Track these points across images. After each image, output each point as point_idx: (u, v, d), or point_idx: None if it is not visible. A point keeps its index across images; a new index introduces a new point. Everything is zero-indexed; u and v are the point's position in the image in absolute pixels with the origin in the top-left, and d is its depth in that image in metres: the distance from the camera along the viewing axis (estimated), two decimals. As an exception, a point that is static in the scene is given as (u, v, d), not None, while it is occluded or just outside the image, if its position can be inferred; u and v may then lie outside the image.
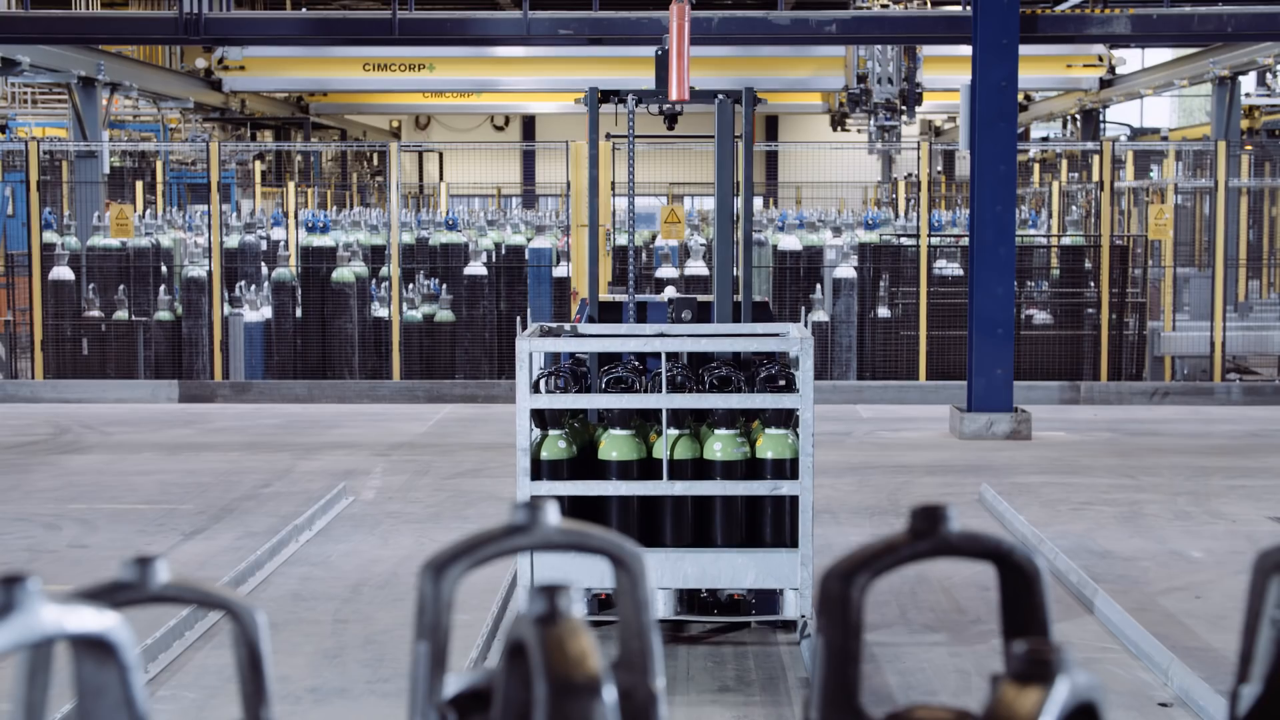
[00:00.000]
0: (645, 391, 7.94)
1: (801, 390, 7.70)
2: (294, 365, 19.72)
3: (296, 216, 22.02)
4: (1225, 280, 20.18)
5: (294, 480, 13.12)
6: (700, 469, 7.95)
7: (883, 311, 19.90)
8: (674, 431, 7.95)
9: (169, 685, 7.42)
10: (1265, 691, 1.28)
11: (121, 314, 19.84)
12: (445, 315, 19.75)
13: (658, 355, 7.98)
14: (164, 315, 19.83)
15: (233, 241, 20.40)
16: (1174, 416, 17.60)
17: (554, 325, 8.65)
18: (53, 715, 5.71)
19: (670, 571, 7.79)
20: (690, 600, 8.26)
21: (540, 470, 7.80)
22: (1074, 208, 24.23)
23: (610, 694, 1.03)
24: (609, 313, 9.63)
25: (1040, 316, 20.25)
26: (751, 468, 7.96)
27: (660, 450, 7.93)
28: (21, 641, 1.00)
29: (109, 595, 1.26)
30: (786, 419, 7.97)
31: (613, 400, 7.89)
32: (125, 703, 1.10)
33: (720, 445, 7.93)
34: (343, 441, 15.47)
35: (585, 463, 8.07)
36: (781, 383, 8.09)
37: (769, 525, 8.05)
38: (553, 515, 1.27)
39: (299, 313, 19.83)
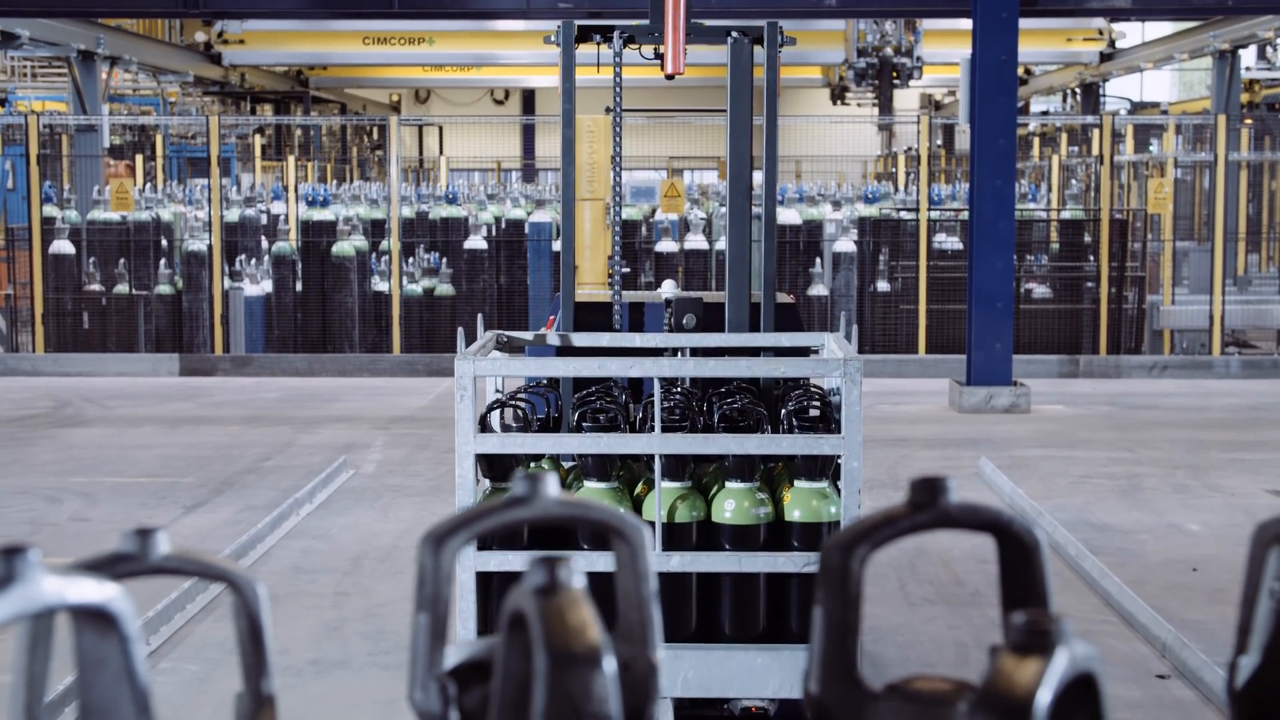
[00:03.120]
0: (632, 429, 6.03)
1: (845, 430, 5.73)
2: (294, 339, 19.72)
3: (296, 190, 22.00)
4: (1224, 254, 20.17)
5: (294, 454, 13.13)
6: (706, 536, 5.94)
7: (882, 285, 19.89)
8: (670, 485, 5.88)
9: (170, 658, 7.43)
10: (1263, 662, 1.29)
11: (122, 288, 19.83)
12: (445, 289, 19.74)
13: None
14: (164, 289, 19.82)
15: (233, 215, 20.37)
16: (1173, 390, 17.60)
17: (515, 335, 6.86)
18: (55, 687, 5.73)
19: (663, 676, 5.07)
20: (691, 716, 6.26)
21: (490, 536, 5.84)
22: (1073, 182, 24.20)
23: (610, 664, 1.03)
24: (591, 316, 7.45)
25: (1039, 290, 20.24)
26: (775, 534, 5.96)
27: (651, 510, 5.90)
28: (22, 612, 1.00)
29: (109, 567, 1.26)
30: (823, 468, 5.96)
31: (587, 443, 5.77)
32: (126, 674, 1.10)
33: (732, 504, 5.91)
34: (343, 415, 15.47)
35: (551, 526, 5.74)
36: (814, 412, 6.22)
37: (797, 613, 6.02)
38: (553, 487, 1.27)
39: (299, 286, 19.83)
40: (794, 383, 6.74)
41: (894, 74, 26.95)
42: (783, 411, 6.17)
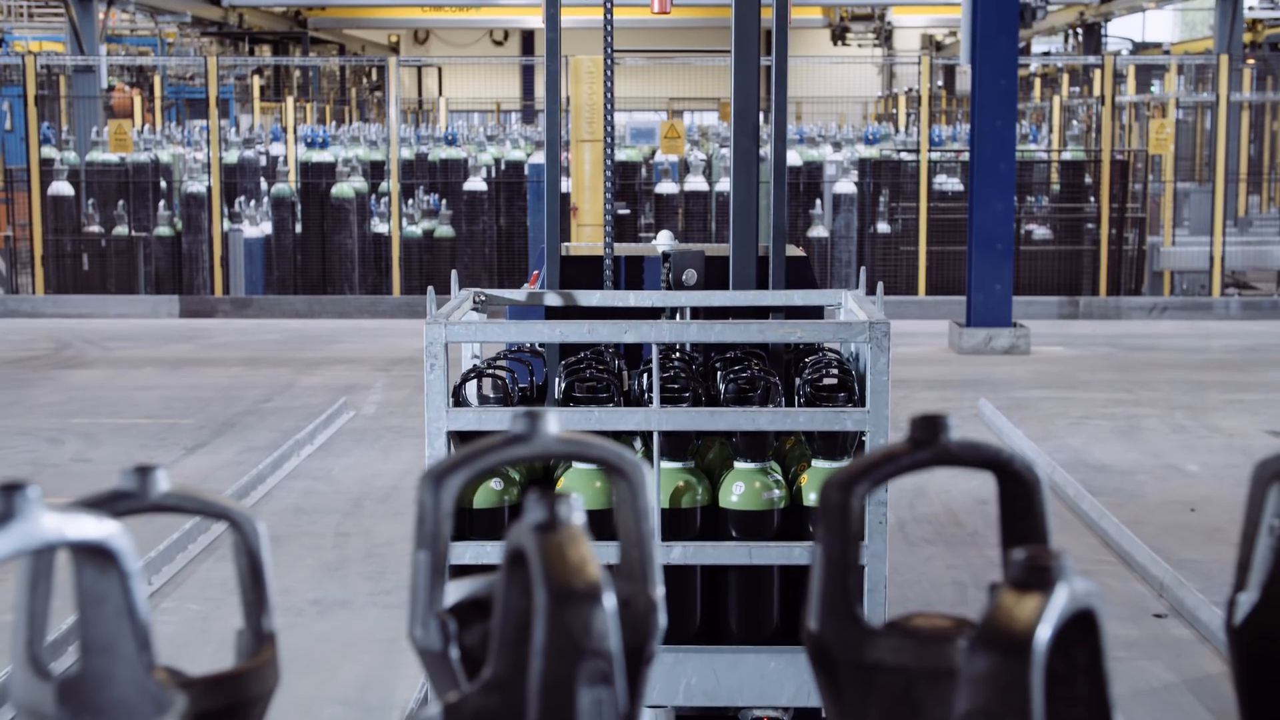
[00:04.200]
0: (625, 402, 5.27)
1: (871, 402, 4.95)
2: (294, 281, 19.70)
3: (295, 132, 21.93)
4: (1225, 195, 20.13)
5: (295, 395, 13.14)
6: (711, 523, 5.25)
7: (882, 227, 19.86)
8: (670, 466, 5.19)
9: (173, 597, 7.46)
10: (1262, 599, 1.29)
11: (121, 229, 19.80)
12: (445, 231, 19.71)
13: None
14: (164, 231, 19.79)
15: (232, 157, 20.31)
16: (1172, 331, 17.60)
17: (495, 294, 6.07)
18: (58, 627, 5.75)
19: (663, 682, 5.05)
20: None
21: (468, 524, 5.06)
22: (1075, 123, 24.11)
23: (610, 601, 1.03)
24: (580, 271, 6.71)
25: (1040, 232, 20.21)
26: (790, 521, 5.23)
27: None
28: (21, 548, 1.00)
29: (109, 504, 1.26)
30: (844, 445, 5.21)
31: (575, 418, 4.97)
32: (126, 610, 1.10)
33: (741, 487, 5.20)
34: (343, 357, 15.48)
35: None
36: (832, 380, 5.44)
37: None
38: (553, 424, 1.27)
39: (299, 228, 19.80)
40: (808, 347, 6.00)
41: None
42: (797, 380, 5.44)
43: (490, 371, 5.49)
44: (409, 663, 6.30)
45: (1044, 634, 1.00)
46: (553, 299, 6.08)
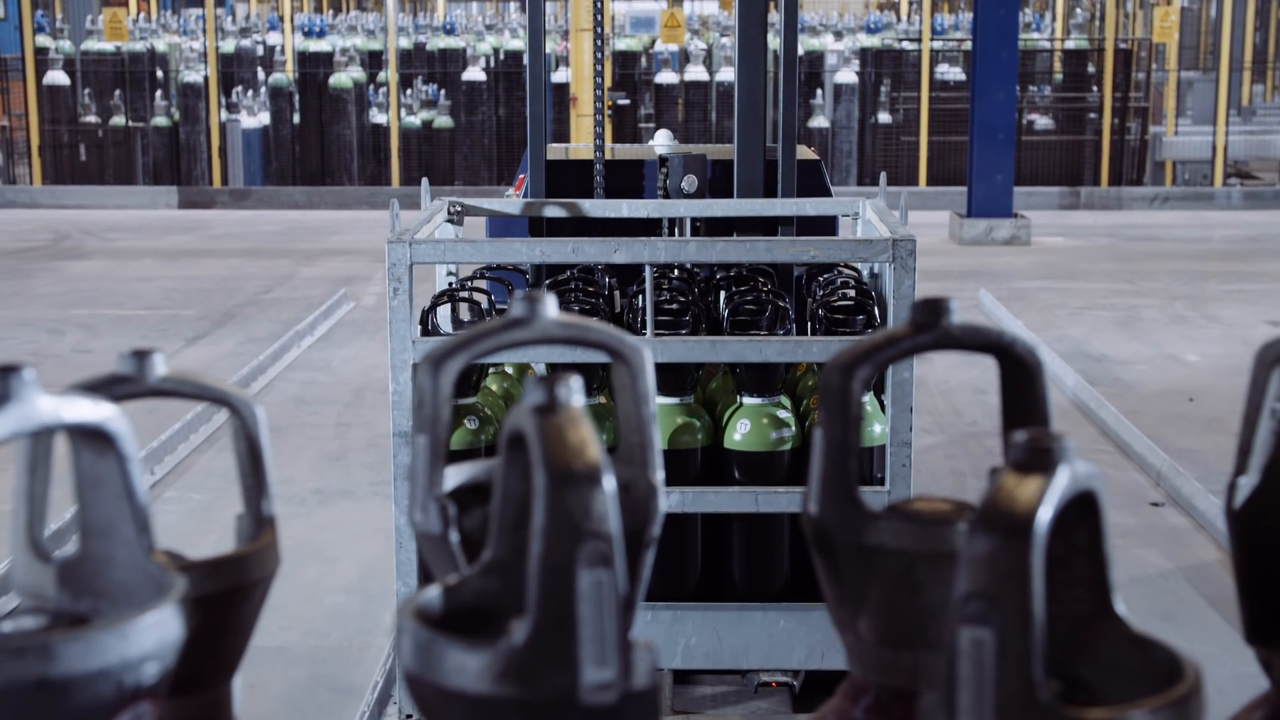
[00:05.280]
0: (619, 326, 4.20)
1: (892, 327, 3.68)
2: (292, 172, 19.62)
3: (292, 20, 21.75)
4: (1229, 84, 20.00)
5: (295, 286, 13.12)
6: (715, 465, 4.74)
7: (883, 117, 19.75)
8: (667, 402, 4.71)
9: (175, 487, 7.49)
10: (1262, 483, 1.29)
11: (118, 120, 19.69)
12: (444, 121, 19.60)
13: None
14: (161, 121, 19.67)
15: (228, 46, 20.16)
16: (1173, 222, 17.55)
17: (471, 204, 5.59)
18: (60, 516, 5.78)
19: (659, 642, 4.54)
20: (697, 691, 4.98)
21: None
22: (1078, 10, 23.91)
23: (610, 483, 1.03)
24: (568, 177, 6.01)
25: (1042, 121, 20.10)
26: (801, 463, 4.66)
27: None
28: (18, 430, 0.99)
29: (107, 388, 1.26)
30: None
31: (557, 351, 4.35)
32: (125, 493, 1.10)
33: (747, 425, 4.69)
34: (343, 248, 15.44)
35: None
36: (848, 300, 4.92)
37: None
38: (552, 308, 1.26)
39: (297, 119, 19.68)
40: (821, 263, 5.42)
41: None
42: (810, 301, 4.96)
43: (464, 294, 4.95)
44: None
45: (1045, 515, 0.99)
46: (536, 210, 5.54)
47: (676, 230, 5.82)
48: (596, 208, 5.50)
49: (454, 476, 1.36)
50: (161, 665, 1.03)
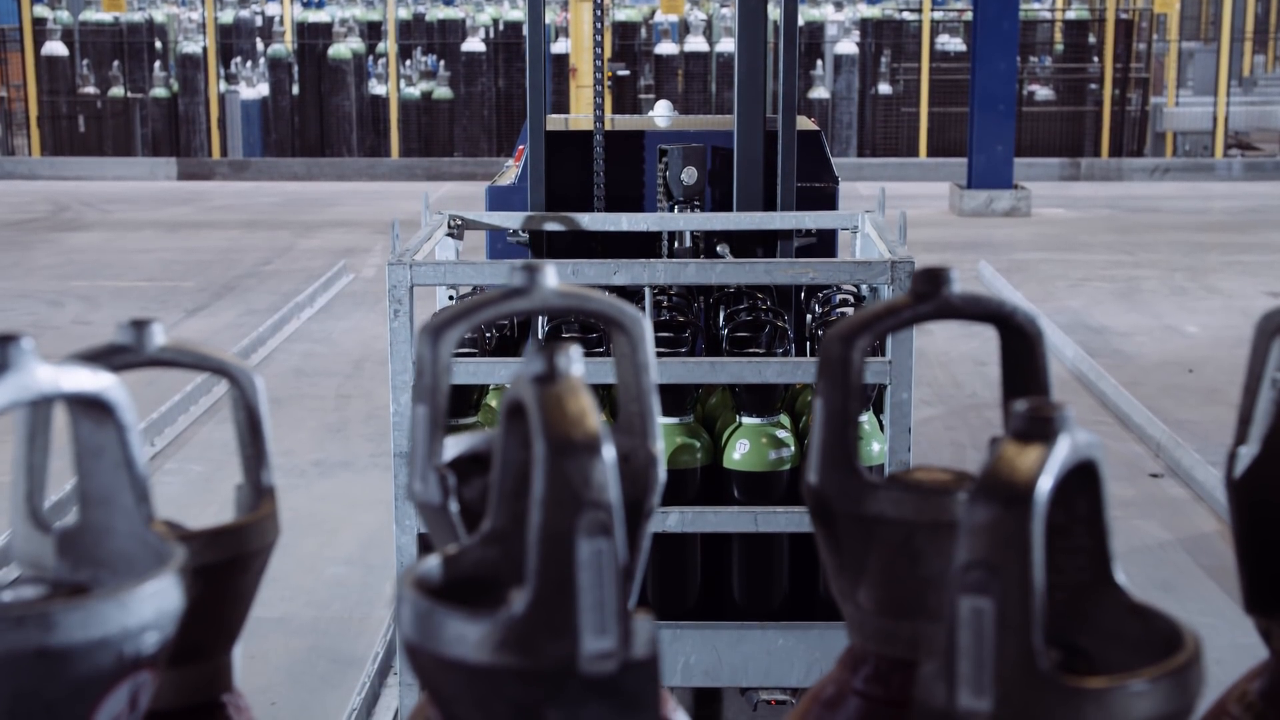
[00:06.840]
0: (608, 349, 4.52)
1: (893, 351, 4.34)
2: (292, 143, 19.59)
3: (290, -9, 21.71)
4: (1230, 55, 19.95)
5: (294, 258, 13.12)
6: (714, 484, 4.72)
7: (884, 88, 19.71)
8: (667, 422, 4.68)
9: (176, 459, 7.49)
10: (1263, 452, 1.29)
11: (117, 91, 19.66)
12: (443, 92, 19.56)
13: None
14: (160, 92, 19.64)
15: (227, 17, 20.11)
16: (1174, 193, 17.53)
17: (471, 216, 5.65)
18: (61, 488, 5.78)
19: (662, 663, 2.99)
20: (699, 712, 5.01)
21: None
22: (1080, -19, 23.85)
23: (610, 452, 1.03)
24: (567, 152, 6.07)
25: (1042, 92, 20.07)
26: (800, 482, 3.57)
27: None
28: (16, 400, 0.99)
29: (106, 358, 1.26)
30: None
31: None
32: (124, 463, 1.10)
33: (746, 445, 4.68)
34: (342, 219, 15.43)
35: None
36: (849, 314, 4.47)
37: (828, 582, 3.45)
38: (552, 278, 1.26)
39: (295, 90, 19.65)
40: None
41: None
42: (809, 318, 4.97)
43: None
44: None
45: (1045, 484, 0.99)
46: (536, 224, 5.56)
47: (676, 238, 5.80)
48: (596, 221, 5.53)
49: (453, 446, 1.36)
50: (161, 635, 1.03)
